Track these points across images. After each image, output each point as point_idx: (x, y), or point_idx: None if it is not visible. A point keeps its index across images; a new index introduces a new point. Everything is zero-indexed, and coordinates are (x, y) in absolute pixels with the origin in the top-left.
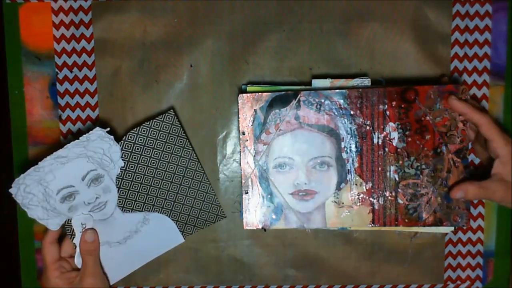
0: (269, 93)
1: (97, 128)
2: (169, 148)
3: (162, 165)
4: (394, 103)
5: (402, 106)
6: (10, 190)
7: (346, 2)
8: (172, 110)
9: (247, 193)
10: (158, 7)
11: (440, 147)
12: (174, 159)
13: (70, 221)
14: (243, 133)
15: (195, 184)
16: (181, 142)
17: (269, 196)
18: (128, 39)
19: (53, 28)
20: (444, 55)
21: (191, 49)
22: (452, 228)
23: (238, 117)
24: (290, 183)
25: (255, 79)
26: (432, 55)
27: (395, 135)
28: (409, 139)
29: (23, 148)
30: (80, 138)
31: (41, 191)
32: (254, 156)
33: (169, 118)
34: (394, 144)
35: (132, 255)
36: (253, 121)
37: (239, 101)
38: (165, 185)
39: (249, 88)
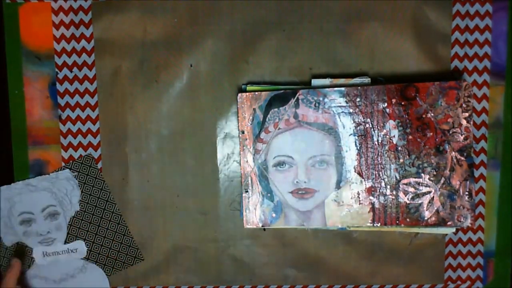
0: (268, 92)
1: (67, 170)
2: (87, 189)
3: (82, 206)
4: (394, 100)
5: (402, 103)
6: None
7: (346, 2)
8: (90, 154)
9: (246, 191)
10: (158, 7)
11: (443, 145)
12: (92, 201)
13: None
14: (243, 132)
15: (112, 226)
16: (98, 183)
17: (268, 194)
18: (128, 39)
19: (53, 28)
20: (444, 55)
21: (191, 49)
22: (454, 229)
23: (238, 116)
24: (289, 181)
25: (255, 79)
26: (432, 55)
27: (395, 133)
28: (410, 137)
29: (23, 148)
30: (50, 173)
31: (7, 208)
32: (254, 154)
33: (87, 161)
34: (394, 142)
35: None
36: (252, 120)
37: (238, 100)
38: (84, 225)
39: (248, 88)
